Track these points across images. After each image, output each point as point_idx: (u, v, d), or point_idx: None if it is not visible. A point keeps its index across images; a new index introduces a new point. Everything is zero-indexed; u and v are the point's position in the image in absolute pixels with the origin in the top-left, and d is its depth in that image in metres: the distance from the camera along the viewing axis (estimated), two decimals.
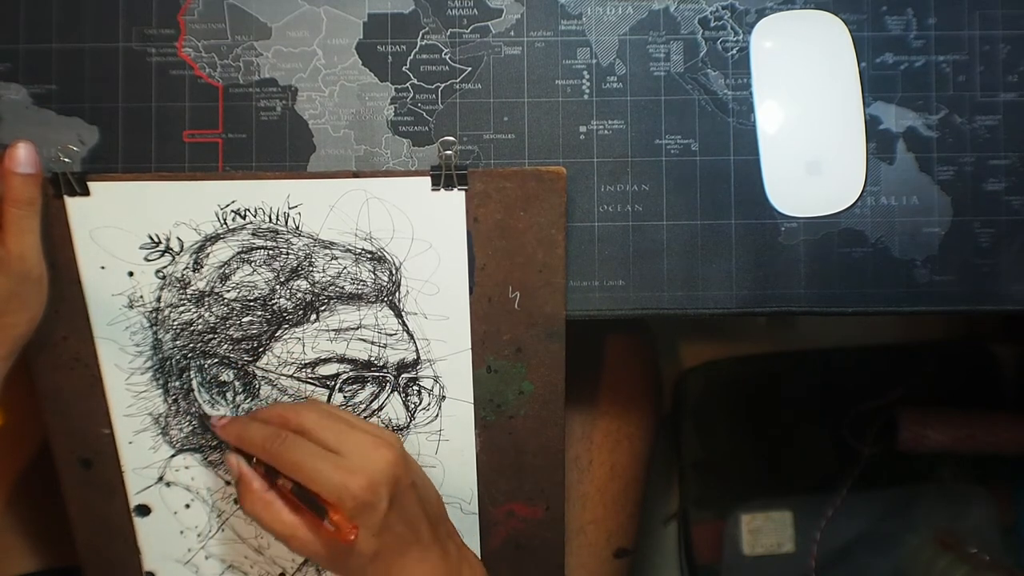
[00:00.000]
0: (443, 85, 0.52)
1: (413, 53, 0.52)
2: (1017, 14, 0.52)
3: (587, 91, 0.52)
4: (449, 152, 0.50)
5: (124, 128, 0.51)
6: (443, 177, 0.50)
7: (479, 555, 0.57)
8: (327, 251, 0.51)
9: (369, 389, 0.54)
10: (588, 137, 0.52)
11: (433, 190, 0.50)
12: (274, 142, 0.52)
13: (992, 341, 0.93)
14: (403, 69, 0.52)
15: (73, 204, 0.50)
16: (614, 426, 0.69)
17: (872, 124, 0.52)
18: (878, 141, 0.52)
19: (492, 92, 0.52)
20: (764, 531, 0.90)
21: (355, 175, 0.50)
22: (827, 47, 0.52)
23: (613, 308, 0.53)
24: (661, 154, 0.52)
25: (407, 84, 0.52)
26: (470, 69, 0.52)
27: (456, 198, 0.50)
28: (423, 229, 0.51)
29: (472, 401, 0.54)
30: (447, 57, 0.52)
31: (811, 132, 0.52)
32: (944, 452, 0.87)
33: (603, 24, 0.52)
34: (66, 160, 0.50)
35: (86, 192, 0.50)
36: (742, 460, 0.91)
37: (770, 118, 0.52)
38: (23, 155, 0.46)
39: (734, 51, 0.52)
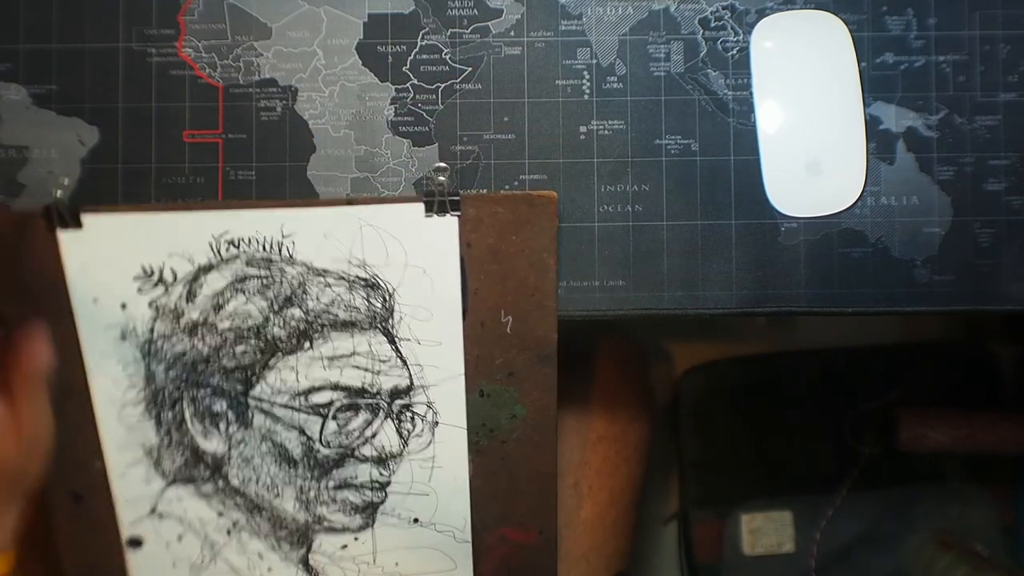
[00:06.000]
0: (443, 85, 0.52)
1: (413, 53, 0.52)
2: (1017, 14, 0.52)
3: (587, 91, 0.52)
4: (443, 179, 0.50)
5: (124, 128, 0.51)
6: (436, 203, 0.50)
7: None
8: (321, 279, 0.51)
9: (363, 416, 0.53)
10: (588, 137, 0.52)
11: (427, 216, 0.50)
12: (274, 142, 0.52)
13: (992, 341, 0.93)
14: (403, 69, 0.52)
15: (65, 237, 0.49)
16: (612, 451, 0.69)
17: (872, 124, 0.52)
18: (878, 141, 0.52)
19: (492, 92, 0.52)
20: (764, 531, 0.89)
21: (348, 202, 0.50)
22: (827, 47, 0.52)
23: (613, 308, 0.53)
24: (661, 154, 0.52)
25: (407, 84, 0.52)
26: (470, 69, 0.52)
27: (449, 224, 0.50)
28: (416, 255, 0.51)
29: (465, 426, 0.54)
30: (447, 57, 0.52)
31: (811, 132, 0.52)
32: (944, 452, 0.87)
33: (603, 24, 0.52)
34: (58, 193, 0.49)
35: (78, 224, 0.49)
36: (742, 460, 0.91)
37: (770, 118, 0.52)
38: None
39: (734, 51, 0.52)
